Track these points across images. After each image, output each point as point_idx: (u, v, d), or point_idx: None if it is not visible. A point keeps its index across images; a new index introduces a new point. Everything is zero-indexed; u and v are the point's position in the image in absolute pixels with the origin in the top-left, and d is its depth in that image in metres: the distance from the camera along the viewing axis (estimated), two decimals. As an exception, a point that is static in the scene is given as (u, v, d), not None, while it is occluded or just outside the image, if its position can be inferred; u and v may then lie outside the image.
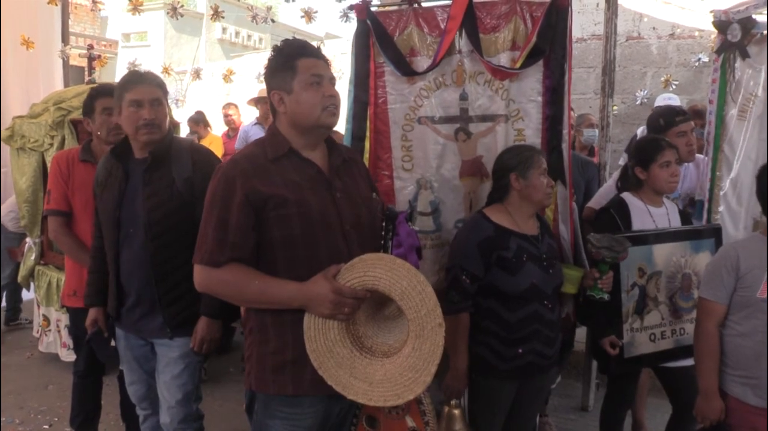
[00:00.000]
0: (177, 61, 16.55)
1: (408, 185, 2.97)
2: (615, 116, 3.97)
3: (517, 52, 2.82)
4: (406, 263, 1.64)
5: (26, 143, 4.18)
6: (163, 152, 2.35)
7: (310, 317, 1.69)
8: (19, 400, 3.94)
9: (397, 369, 1.64)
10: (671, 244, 2.70)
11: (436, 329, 1.60)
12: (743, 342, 2.15)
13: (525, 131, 2.87)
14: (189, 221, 2.25)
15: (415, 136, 2.94)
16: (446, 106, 2.91)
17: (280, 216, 1.72)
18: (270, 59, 1.85)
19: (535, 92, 2.84)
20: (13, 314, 5.32)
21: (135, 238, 2.33)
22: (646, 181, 2.73)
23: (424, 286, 1.60)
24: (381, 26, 2.90)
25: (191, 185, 2.32)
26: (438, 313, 1.60)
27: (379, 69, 2.93)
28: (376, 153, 2.95)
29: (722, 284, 2.17)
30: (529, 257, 2.33)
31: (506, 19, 2.83)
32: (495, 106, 2.87)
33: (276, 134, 1.84)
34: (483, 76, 2.86)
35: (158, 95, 2.34)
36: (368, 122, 2.94)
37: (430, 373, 1.60)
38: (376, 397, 1.65)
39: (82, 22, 15.97)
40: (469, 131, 2.91)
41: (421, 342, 1.61)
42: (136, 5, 4.91)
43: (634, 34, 7.01)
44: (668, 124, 3.09)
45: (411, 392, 1.62)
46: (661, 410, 3.28)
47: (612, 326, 2.62)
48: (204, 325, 2.33)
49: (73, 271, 3.04)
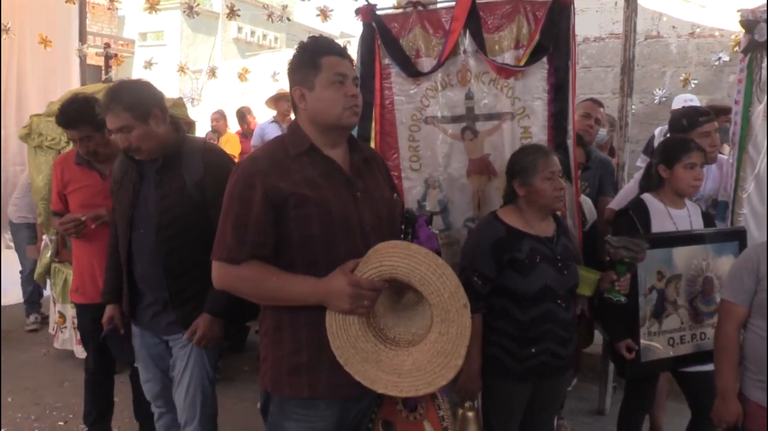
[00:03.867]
0: (193, 60, 16.66)
1: (416, 185, 3.00)
2: (633, 115, 3.90)
3: (521, 50, 2.85)
4: (422, 248, 1.62)
5: (43, 141, 4.22)
6: (173, 154, 2.33)
7: (331, 314, 1.67)
8: (35, 397, 3.97)
9: (425, 356, 1.61)
10: (692, 247, 2.65)
11: (461, 310, 1.57)
12: (764, 345, 2.11)
13: (531, 129, 2.89)
14: (200, 224, 2.24)
15: (422, 136, 2.98)
16: (452, 105, 2.94)
17: (300, 215, 1.70)
18: (295, 55, 1.83)
19: (540, 90, 2.87)
20: (30, 307, 5.38)
21: (147, 239, 2.32)
22: (668, 181, 2.69)
23: (443, 269, 1.58)
24: (386, 29, 2.95)
25: (202, 188, 2.29)
26: (461, 294, 1.58)
27: (385, 71, 2.98)
28: (384, 154, 2.97)
29: (743, 287, 2.15)
30: (543, 258, 2.31)
31: (509, 18, 2.87)
32: (500, 105, 2.91)
33: (297, 130, 1.82)
34: (488, 75, 2.90)
35: (124, 123, 2.23)
36: (374, 122, 2.97)
37: (461, 355, 1.57)
38: (407, 387, 1.62)
39: (100, 22, 16.10)
40: (475, 129, 2.94)
41: (448, 325, 1.58)
42: (152, 4, 4.94)
43: (653, 32, 6.91)
44: (692, 124, 3.05)
45: (443, 378, 1.60)
46: (680, 415, 3.23)
47: (628, 329, 2.59)
48: (205, 321, 2.30)
49: (77, 267, 3.11)
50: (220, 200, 2.22)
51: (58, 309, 4.41)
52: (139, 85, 2.34)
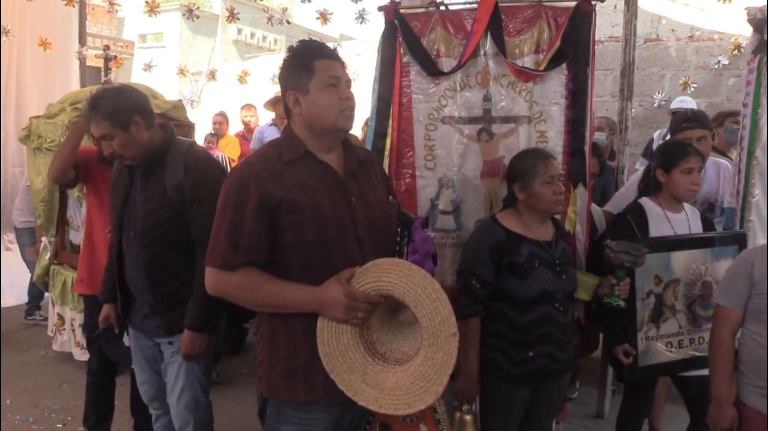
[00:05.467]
0: (192, 62, 16.64)
1: (430, 183, 3.01)
2: (633, 118, 3.90)
3: (540, 55, 2.87)
4: (422, 269, 1.62)
5: (43, 143, 4.21)
6: (156, 158, 2.32)
7: (323, 321, 1.67)
8: (34, 399, 3.96)
9: (408, 378, 1.62)
10: (690, 251, 2.65)
11: (450, 338, 1.57)
12: (759, 350, 2.12)
13: (548, 133, 2.90)
14: (183, 228, 2.25)
15: (439, 135, 2.99)
16: (470, 106, 2.96)
17: (294, 221, 1.70)
18: (286, 59, 1.82)
19: (559, 95, 2.89)
20: (31, 308, 5.37)
21: (134, 242, 2.32)
22: (666, 185, 2.69)
23: (438, 294, 1.58)
24: (408, 27, 2.95)
25: (182, 192, 2.27)
26: (452, 322, 1.58)
27: (404, 68, 2.99)
28: (399, 151, 3.00)
29: (737, 291, 2.15)
30: (542, 262, 2.31)
31: (531, 23, 2.89)
32: (518, 108, 2.92)
33: (291, 135, 1.81)
34: (507, 78, 2.91)
35: (104, 131, 2.25)
36: (391, 119, 2.99)
37: (442, 383, 1.58)
38: (386, 405, 1.63)
39: (99, 23, 16.08)
40: (491, 131, 2.95)
41: (434, 351, 1.58)
42: (152, 7, 4.94)
43: (652, 36, 6.93)
44: (674, 130, 3.04)
45: (422, 402, 1.60)
46: (678, 418, 3.23)
47: (626, 334, 2.59)
48: (186, 338, 2.28)
49: (82, 259, 3.16)
50: (200, 204, 2.22)
51: (57, 311, 4.41)
52: (119, 93, 2.34)
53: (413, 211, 3.01)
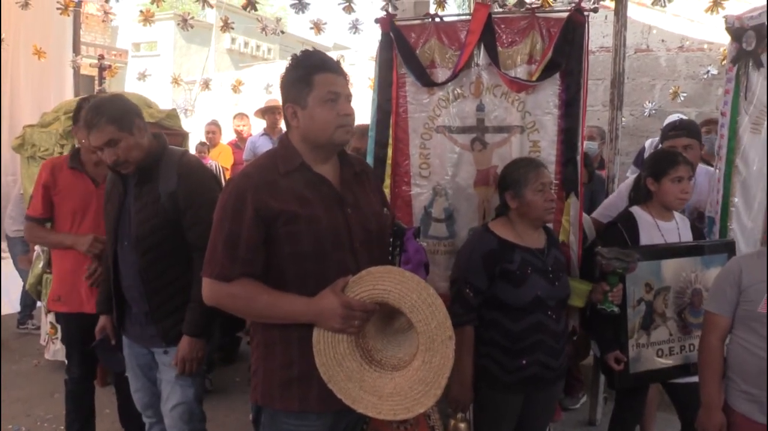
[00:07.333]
0: (186, 71, 16.66)
1: (425, 191, 3.06)
2: (623, 128, 3.94)
3: (533, 65, 2.90)
4: (415, 275, 1.64)
5: (36, 152, 4.21)
6: (149, 167, 2.33)
7: (319, 331, 1.68)
8: (26, 408, 3.94)
9: (407, 383, 1.63)
10: (681, 259, 2.67)
11: (446, 342, 1.59)
12: (747, 356, 2.14)
13: (540, 143, 2.93)
14: (177, 237, 2.26)
15: (433, 144, 3.03)
16: (463, 116, 2.99)
17: (290, 232, 1.71)
18: (287, 70, 1.81)
19: (551, 105, 2.91)
20: (24, 317, 5.34)
21: (129, 252, 2.33)
22: (656, 194, 2.72)
23: (433, 299, 1.60)
24: (403, 39, 3.01)
25: (175, 200, 2.28)
26: (448, 326, 1.60)
27: (401, 79, 3.05)
28: (396, 160, 3.06)
29: (725, 298, 2.18)
30: (534, 269, 2.33)
31: (524, 34, 2.92)
32: (511, 118, 2.95)
33: (288, 147, 1.81)
34: (500, 89, 2.94)
35: (110, 136, 2.23)
36: (390, 129, 3.04)
37: (441, 386, 1.59)
38: (385, 410, 1.64)
39: (93, 32, 16.09)
40: (485, 141, 2.98)
41: (431, 355, 1.60)
42: (147, 16, 4.96)
43: (642, 46, 7.00)
44: (662, 137, 3.06)
45: (421, 405, 1.61)
46: (670, 425, 3.24)
47: (617, 341, 2.61)
48: (185, 344, 2.29)
49: (57, 276, 3.07)
50: (193, 212, 2.23)
51: (49, 320, 4.39)
52: (118, 98, 2.37)
53: (408, 218, 3.04)
